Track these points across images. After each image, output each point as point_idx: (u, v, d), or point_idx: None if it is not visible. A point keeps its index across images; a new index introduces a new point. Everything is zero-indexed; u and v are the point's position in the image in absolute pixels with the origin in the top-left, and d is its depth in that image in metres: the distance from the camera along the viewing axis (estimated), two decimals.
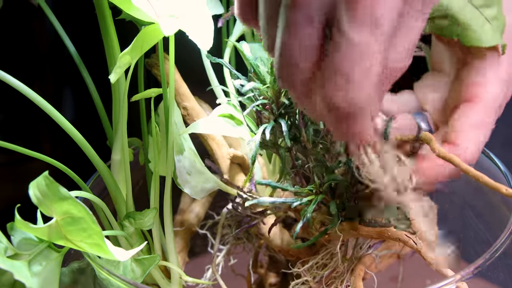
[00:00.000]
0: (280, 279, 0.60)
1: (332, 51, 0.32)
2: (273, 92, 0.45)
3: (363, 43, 0.31)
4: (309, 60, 0.33)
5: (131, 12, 0.45)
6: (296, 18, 0.32)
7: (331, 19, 0.32)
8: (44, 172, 0.39)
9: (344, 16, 0.31)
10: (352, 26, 0.31)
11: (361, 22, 0.31)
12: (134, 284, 0.45)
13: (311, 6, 0.32)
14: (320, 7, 0.32)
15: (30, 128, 0.72)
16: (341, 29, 0.31)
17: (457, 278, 0.41)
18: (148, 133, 0.53)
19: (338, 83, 0.32)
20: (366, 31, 0.31)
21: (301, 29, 0.33)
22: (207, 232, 0.59)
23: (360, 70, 0.32)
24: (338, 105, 0.33)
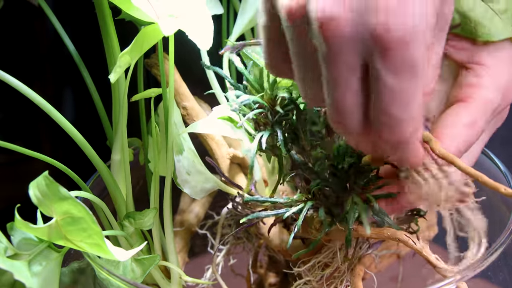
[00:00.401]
0: (280, 279, 0.60)
1: (375, 97, 0.34)
2: (268, 100, 0.46)
3: (405, 88, 0.33)
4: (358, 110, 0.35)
5: (131, 12, 0.45)
6: (339, 71, 0.34)
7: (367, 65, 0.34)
8: (44, 172, 0.39)
9: (380, 64, 0.32)
10: (390, 74, 0.33)
11: (398, 69, 0.33)
12: (134, 284, 0.45)
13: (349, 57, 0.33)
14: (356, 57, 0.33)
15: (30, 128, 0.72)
16: (379, 77, 0.33)
17: (457, 278, 0.41)
18: (148, 133, 0.53)
19: (386, 123, 0.35)
20: (404, 77, 0.33)
21: (344, 82, 0.34)
22: (207, 232, 0.59)
23: (405, 110, 0.34)
24: (388, 140, 0.36)
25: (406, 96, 0.34)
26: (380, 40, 0.32)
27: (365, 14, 0.32)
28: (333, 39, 0.32)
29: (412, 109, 0.34)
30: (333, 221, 0.44)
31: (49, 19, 0.52)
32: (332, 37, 0.32)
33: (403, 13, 0.31)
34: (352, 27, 0.32)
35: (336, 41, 0.32)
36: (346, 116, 0.35)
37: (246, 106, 0.46)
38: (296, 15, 0.34)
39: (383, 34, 0.31)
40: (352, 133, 0.36)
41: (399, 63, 0.32)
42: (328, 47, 0.33)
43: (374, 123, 0.35)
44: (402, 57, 0.32)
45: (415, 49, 0.32)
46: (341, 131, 0.37)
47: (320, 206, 0.43)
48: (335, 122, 0.36)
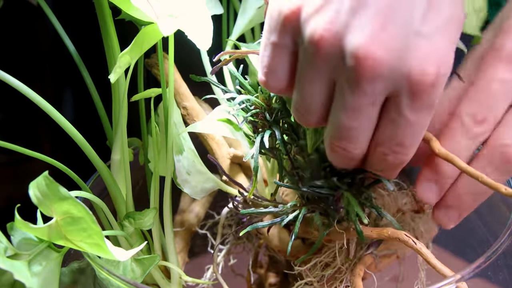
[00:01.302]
0: (280, 279, 0.60)
1: (388, 125, 0.36)
2: (264, 100, 0.46)
3: (420, 123, 0.36)
4: (367, 137, 0.37)
5: (131, 12, 0.45)
6: (359, 103, 0.35)
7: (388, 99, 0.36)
8: (44, 172, 0.39)
9: (406, 102, 0.35)
10: (413, 111, 0.35)
11: (422, 109, 0.35)
12: (134, 284, 0.45)
13: (376, 92, 0.35)
14: (384, 92, 0.35)
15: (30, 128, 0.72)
16: (401, 113, 0.35)
17: (457, 278, 0.41)
18: (147, 133, 0.53)
19: (395, 151, 0.37)
20: (424, 114, 0.35)
21: (362, 112, 0.36)
22: (207, 232, 0.59)
23: (415, 141, 0.37)
24: (390, 163, 0.38)
25: (421, 129, 0.36)
26: (413, 82, 0.34)
27: (402, 55, 0.33)
28: (369, 77, 0.34)
29: (420, 139, 0.37)
30: (330, 222, 0.44)
31: (49, 19, 0.52)
32: (368, 75, 0.34)
33: (438, 58, 0.34)
34: (387, 66, 0.34)
35: (371, 79, 0.34)
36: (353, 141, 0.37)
37: (244, 109, 0.46)
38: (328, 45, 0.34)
39: (417, 77, 0.34)
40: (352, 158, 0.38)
41: (424, 103, 0.35)
42: (359, 79, 0.34)
43: (378, 148, 0.37)
44: (428, 98, 0.35)
45: (440, 89, 0.35)
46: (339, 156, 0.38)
47: (316, 210, 0.44)
48: (337, 146, 0.38)
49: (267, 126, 0.46)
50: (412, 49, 0.34)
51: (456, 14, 0.35)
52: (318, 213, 0.44)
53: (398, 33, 0.33)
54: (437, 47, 0.34)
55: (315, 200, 0.44)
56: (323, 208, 0.44)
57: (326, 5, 0.34)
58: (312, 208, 0.44)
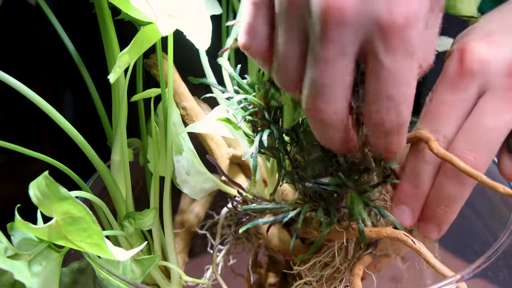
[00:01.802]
0: (279, 279, 0.60)
1: (371, 79, 0.35)
2: (261, 98, 0.46)
3: (402, 68, 0.34)
4: (342, 96, 0.36)
5: (130, 12, 0.45)
6: (329, 53, 0.34)
7: (363, 50, 0.34)
8: (44, 172, 0.39)
9: (380, 48, 0.34)
10: (389, 56, 0.34)
11: (397, 51, 0.34)
12: (134, 284, 0.45)
13: (345, 40, 0.34)
14: (353, 40, 0.34)
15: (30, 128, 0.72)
16: (378, 60, 0.34)
17: (457, 278, 0.41)
18: (147, 133, 0.53)
19: (385, 107, 0.36)
20: (402, 59, 0.34)
21: (334, 64, 0.34)
22: (206, 232, 0.59)
23: (402, 92, 0.35)
24: (386, 124, 0.37)
25: (405, 79, 0.35)
26: (383, 24, 0.33)
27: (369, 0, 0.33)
28: (334, 25, 0.33)
29: (409, 93, 0.35)
30: (331, 221, 0.44)
31: (49, 19, 0.52)
32: (333, 23, 0.33)
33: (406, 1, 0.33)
34: (354, 11, 0.33)
35: (337, 26, 0.33)
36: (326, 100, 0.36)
37: (243, 109, 0.46)
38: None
39: (386, 19, 0.33)
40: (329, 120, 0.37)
41: (398, 45, 0.33)
42: (327, 29, 0.33)
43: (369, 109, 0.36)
44: (402, 40, 0.33)
45: (414, 33, 0.33)
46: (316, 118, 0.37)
47: (318, 208, 0.44)
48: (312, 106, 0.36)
49: (266, 126, 0.46)
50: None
51: None
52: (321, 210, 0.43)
53: None
54: None
55: (317, 198, 0.44)
56: (325, 206, 0.44)
57: None
58: (313, 206, 0.44)
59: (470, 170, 0.40)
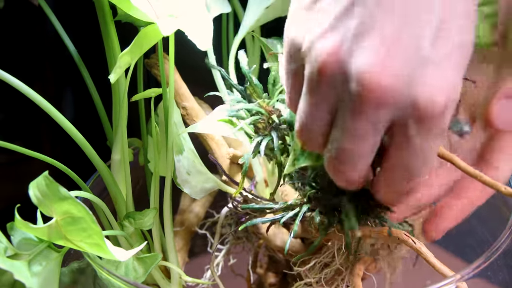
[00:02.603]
0: (279, 279, 0.60)
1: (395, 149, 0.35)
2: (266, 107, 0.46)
3: (430, 148, 0.35)
4: (367, 163, 0.36)
5: (131, 12, 0.45)
6: (362, 129, 0.34)
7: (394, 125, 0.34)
8: (44, 172, 0.39)
9: (414, 128, 0.34)
10: (421, 136, 0.34)
11: (430, 134, 0.34)
12: (135, 284, 0.45)
13: (380, 119, 0.34)
14: (388, 119, 0.34)
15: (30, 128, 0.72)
16: (409, 138, 0.34)
17: (457, 278, 0.41)
18: (147, 133, 0.53)
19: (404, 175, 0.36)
20: (432, 139, 0.35)
21: (365, 139, 0.34)
22: (206, 232, 0.59)
23: (424, 166, 0.36)
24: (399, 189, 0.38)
25: (430, 154, 0.35)
26: (421, 110, 0.33)
27: (409, 82, 0.32)
28: (373, 105, 0.33)
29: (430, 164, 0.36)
30: (330, 223, 0.44)
31: (49, 19, 0.52)
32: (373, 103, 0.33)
33: (446, 86, 0.33)
34: (393, 93, 0.33)
35: (373, 102, 0.33)
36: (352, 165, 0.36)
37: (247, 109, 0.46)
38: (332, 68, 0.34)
39: (426, 105, 0.33)
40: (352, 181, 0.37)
41: (433, 130, 0.34)
42: (362, 104, 0.33)
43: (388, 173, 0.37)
44: (438, 125, 0.34)
45: (449, 116, 0.34)
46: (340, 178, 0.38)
47: (316, 209, 0.44)
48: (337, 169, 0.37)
49: (267, 129, 0.46)
50: (419, 76, 0.32)
51: (465, 41, 0.34)
52: (318, 211, 0.43)
53: (405, 59, 0.32)
54: (446, 74, 0.33)
55: (316, 200, 0.44)
56: (322, 209, 0.44)
57: (331, 30, 0.34)
58: (312, 207, 0.44)
59: (470, 170, 0.40)
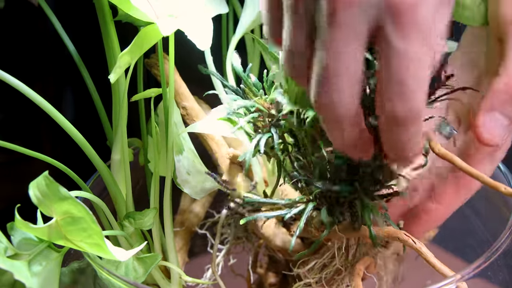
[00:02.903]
0: (279, 279, 0.60)
1: (383, 65, 0.33)
2: (264, 104, 0.46)
3: (414, 51, 0.32)
4: (354, 88, 0.34)
5: (131, 12, 0.45)
6: (338, 36, 0.33)
7: (374, 34, 0.33)
8: (44, 172, 0.39)
9: (390, 28, 0.32)
10: (401, 38, 0.32)
11: (409, 32, 0.32)
12: (135, 284, 0.45)
13: (355, 22, 0.32)
14: (363, 22, 0.32)
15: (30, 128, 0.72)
16: (389, 42, 0.32)
17: (457, 278, 0.41)
18: (147, 133, 0.53)
19: (398, 93, 0.33)
20: (415, 41, 0.32)
21: (344, 48, 0.33)
22: (206, 232, 0.59)
23: (416, 77, 0.33)
24: (399, 113, 0.34)
25: (417, 62, 0.33)
26: (393, 2, 0.32)
27: None
28: (342, 5, 0.32)
29: (422, 77, 0.33)
30: (334, 221, 0.44)
31: (49, 19, 0.52)
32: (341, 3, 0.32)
33: None
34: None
35: (345, 7, 0.32)
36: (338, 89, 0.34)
37: (245, 108, 0.46)
38: None
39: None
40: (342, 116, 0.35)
41: (410, 25, 0.32)
42: (335, 11, 0.32)
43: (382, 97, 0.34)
44: (413, 19, 0.32)
45: (425, 13, 0.32)
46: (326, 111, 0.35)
47: (322, 207, 0.43)
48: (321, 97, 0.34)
49: (267, 126, 0.46)
50: None
51: None
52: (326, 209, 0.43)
53: None
54: None
55: (321, 198, 0.44)
56: (329, 207, 0.44)
57: None
58: (318, 205, 0.44)
59: (471, 170, 0.40)
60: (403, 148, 0.36)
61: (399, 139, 0.36)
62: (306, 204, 0.44)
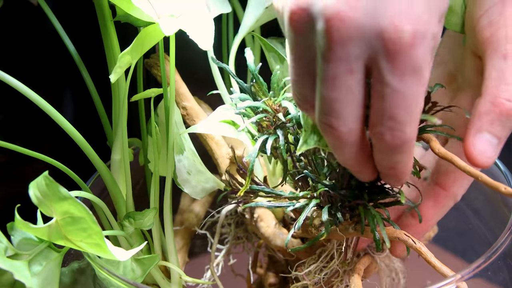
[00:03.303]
0: (279, 279, 0.60)
1: (376, 99, 0.34)
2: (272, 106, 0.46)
3: (408, 89, 0.33)
4: (354, 113, 0.35)
5: (132, 12, 0.45)
6: (336, 71, 0.33)
7: (370, 69, 0.33)
8: (44, 172, 0.39)
9: (386, 66, 0.32)
10: (396, 76, 0.33)
11: (404, 73, 0.32)
12: (134, 284, 0.45)
13: (350, 56, 0.33)
14: (359, 56, 0.33)
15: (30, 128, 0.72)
16: (384, 80, 0.33)
17: (457, 278, 0.41)
18: (147, 133, 0.53)
19: (389, 127, 0.34)
20: (410, 81, 0.33)
21: (341, 80, 0.33)
22: (206, 232, 0.59)
23: (409, 114, 0.34)
24: (390, 144, 0.35)
25: (411, 99, 0.33)
26: (388, 41, 0.32)
27: (373, 14, 0.32)
28: (338, 39, 0.32)
29: (415, 112, 0.34)
30: (334, 222, 0.44)
31: (49, 19, 0.52)
32: (337, 37, 0.32)
33: (413, 16, 0.32)
34: (358, 26, 0.32)
35: (341, 41, 0.32)
36: (338, 116, 0.35)
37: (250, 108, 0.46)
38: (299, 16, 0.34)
39: (391, 35, 0.32)
40: (342, 138, 0.36)
41: (406, 66, 0.32)
42: (330, 43, 0.32)
43: (374, 127, 0.35)
44: (409, 60, 0.32)
45: (422, 53, 0.32)
46: (330, 135, 0.36)
47: (324, 206, 0.43)
48: (324, 123, 0.35)
49: (271, 127, 0.46)
50: (384, 8, 0.31)
51: None
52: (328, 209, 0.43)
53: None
54: (413, 3, 0.32)
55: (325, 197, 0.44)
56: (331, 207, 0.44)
57: None
58: (321, 203, 0.44)
59: (471, 170, 0.40)
60: (394, 168, 0.38)
61: (389, 161, 0.37)
62: (310, 200, 0.44)
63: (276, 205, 0.45)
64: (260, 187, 0.46)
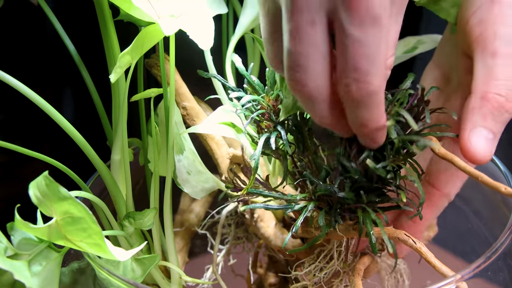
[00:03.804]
0: (279, 279, 0.60)
1: (341, 52, 0.34)
2: (270, 100, 0.46)
3: (368, 38, 0.33)
4: (319, 67, 0.35)
5: (132, 12, 0.45)
6: (298, 23, 0.34)
7: (332, 20, 0.34)
8: (44, 172, 0.39)
9: (345, 17, 0.33)
10: (355, 26, 0.33)
11: (362, 20, 0.33)
12: (134, 284, 0.45)
13: (311, 8, 0.33)
14: (320, 8, 0.33)
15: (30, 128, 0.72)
16: (344, 31, 0.33)
17: (457, 278, 0.41)
18: (147, 133, 0.53)
19: (354, 79, 0.34)
20: (369, 28, 0.33)
21: (305, 33, 0.34)
22: (207, 232, 0.59)
23: (372, 63, 0.34)
24: (357, 96, 0.35)
25: (373, 48, 0.34)
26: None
27: None
28: None
29: (378, 62, 0.34)
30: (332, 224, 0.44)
31: (49, 19, 0.52)
32: None
33: None
34: None
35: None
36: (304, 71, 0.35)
37: (248, 109, 0.46)
38: None
39: None
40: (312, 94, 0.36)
41: (364, 15, 0.33)
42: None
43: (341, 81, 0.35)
44: (367, 9, 0.33)
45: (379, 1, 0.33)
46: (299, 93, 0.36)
47: (323, 208, 0.43)
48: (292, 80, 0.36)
49: (271, 127, 0.46)
50: None
51: None
52: (324, 212, 0.43)
53: None
54: None
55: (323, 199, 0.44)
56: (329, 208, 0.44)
57: None
58: (319, 205, 0.44)
59: (471, 170, 0.40)
60: (365, 126, 0.37)
61: (359, 117, 0.37)
62: (308, 202, 0.44)
63: (275, 207, 0.45)
64: (259, 190, 0.46)
